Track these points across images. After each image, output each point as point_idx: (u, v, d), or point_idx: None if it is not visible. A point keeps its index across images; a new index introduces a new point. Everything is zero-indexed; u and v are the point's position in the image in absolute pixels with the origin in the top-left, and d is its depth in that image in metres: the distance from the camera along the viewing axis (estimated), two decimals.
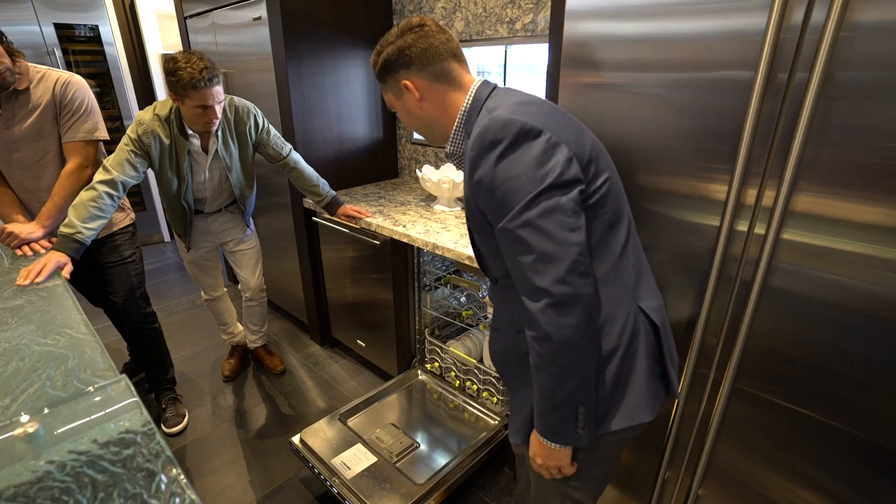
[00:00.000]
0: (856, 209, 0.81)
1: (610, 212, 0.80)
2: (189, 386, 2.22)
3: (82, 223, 1.40)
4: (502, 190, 0.74)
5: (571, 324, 0.72)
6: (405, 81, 0.86)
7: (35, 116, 1.55)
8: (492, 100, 0.83)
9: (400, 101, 0.91)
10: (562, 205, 0.71)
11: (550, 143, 0.73)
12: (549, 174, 0.71)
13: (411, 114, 0.91)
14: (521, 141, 0.73)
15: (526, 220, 0.72)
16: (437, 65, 0.85)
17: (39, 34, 3.29)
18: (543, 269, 0.72)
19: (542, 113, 0.77)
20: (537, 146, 0.73)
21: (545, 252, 0.71)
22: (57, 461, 0.61)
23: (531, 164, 0.72)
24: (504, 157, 0.73)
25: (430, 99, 0.87)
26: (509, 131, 0.73)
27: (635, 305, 0.84)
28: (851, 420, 0.90)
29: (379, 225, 1.81)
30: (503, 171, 0.73)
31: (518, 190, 0.72)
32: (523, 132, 0.73)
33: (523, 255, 0.73)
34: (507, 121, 0.73)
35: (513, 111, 0.75)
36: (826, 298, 0.87)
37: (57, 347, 0.94)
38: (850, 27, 0.75)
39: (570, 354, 0.74)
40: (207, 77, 1.45)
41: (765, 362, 0.98)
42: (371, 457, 1.52)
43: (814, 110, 0.80)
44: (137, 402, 0.73)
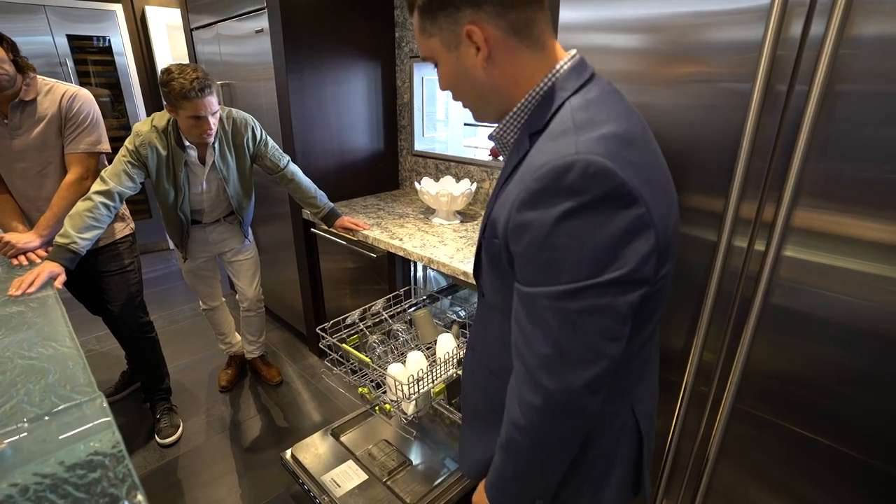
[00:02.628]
0: (859, 226, 0.78)
1: (651, 309, 0.65)
2: (185, 396, 2.20)
3: (77, 233, 1.40)
4: (552, 253, 0.55)
5: (562, 432, 0.61)
6: (471, 26, 0.59)
7: (41, 127, 1.57)
8: (581, 100, 0.59)
9: (452, 54, 0.63)
10: (615, 307, 0.55)
11: (640, 222, 0.54)
12: (620, 265, 0.53)
13: (466, 74, 0.64)
14: (608, 206, 0.52)
15: (563, 307, 0.55)
16: (525, 10, 0.59)
17: (52, 45, 3.36)
18: (557, 370, 0.57)
19: (646, 167, 0.57)
20: (623, 221, 0.53)
21: (568, 354, 0.56)
22: (20, 484, 0.59)
23: (605, 242, 0.53)
24: (576, 215, 0.53)
25: (502, 60, 0.61)
26: (599, 186, 0.52)
27: (628, 406, 0.73)
28: (854, 442, 0.87)
29: (376, 238, 1.80)
30: (566, 233, 0.53)
31: (571, 264, 0.54)
32: (616, 194, 0.52)
33: (541, 342, 0.57)
34: (602, 169, 0.52)
35: (612, 151, 0.53)
36: (828, 316, 0.84)
37: (40, 361, 0.93)
38: (850, 40, 0.72)
39: (547, 455, 0.63)
40: (199, 87, 1.45)
41: (766, 381, 0.95)
42: (362, 474, 1.49)
43: (814, 123, 0.77)
44: (110, 421, 0.71)
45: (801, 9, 0.76)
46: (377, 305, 1.63)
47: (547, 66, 0.62)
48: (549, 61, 0.63)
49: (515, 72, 0.62)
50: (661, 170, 0.61)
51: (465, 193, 1.89)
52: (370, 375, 1.42)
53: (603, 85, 0.63)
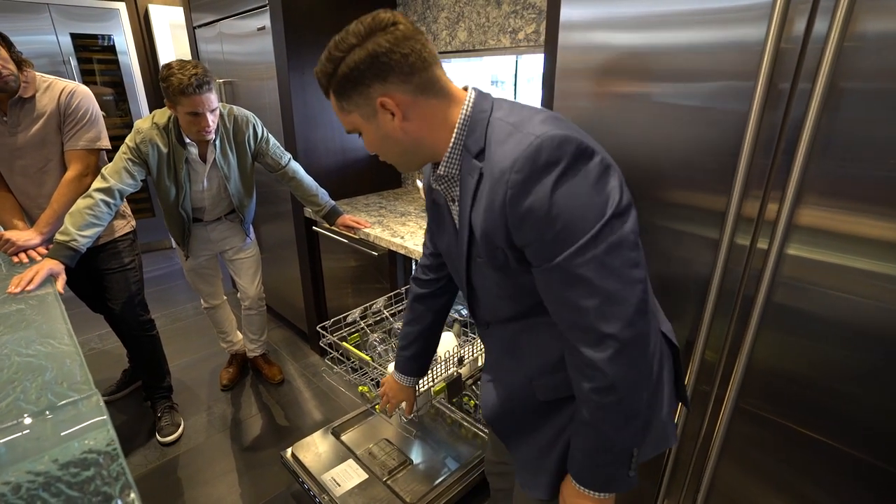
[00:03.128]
0: (862, 224, 0.77)
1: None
2: (186, 394, 2.20)
3: (78, 231, 1.40)
4: (562, 221, 0.62)
5: (639, 369, 0.66)
6: (382, 98, 0.67)
7: (40, 124, 1.57)
8: (500, 113, 0.70)
9: (372, 124, 0.71)
10: (625, 237, 0.63)
11: (604, 164, 0.64)
12: (609, 202, 0.63)
13: (387, 137, 0.72)
14: (580, 163, 0.62)
15: (592, 256, 0.62)
16: (424, 73, 0.67)
17: (56, 43, 3.37)
18: (611, 312, 0.63)
19: (579, 130, 0.67)
20: (594, 168, 0.63)
21: (612, 293, 0.63)
22: (13, 482, 0.58)
23: (591, 190, 0.62)
24: (563, 181, 0.62)
25: (416, 117, 0.70)
26: (566, 151, 0.61)
27: (657, 328, 0.77)
28: (857, 442, 0.86)
29: (377, 236, 1.79)
30: (563, 199, 0.62)
31: (580, 222, 0.62)
32: (580, 152, 0.62)
33: (586, 298, 0.63)
34: (563, 138, 0.62)
35: (559, 126, 0.64)
36: (832, 315, 0.83)
37: (37, 359, 0.93)
38: (854, 37, 0.71)
39: (634, 399, 0.68)
40: (197, 83, 1.44)
41: (768, 380, 0.94)
42: (362, 473, 1.49)
43: (817, 121, 0.76)
44: (105, 419, 0.71)
45: (805, 6, 0.74)
46: (378, 304, 1.62)
47: (457, 105, 0.71)
48: (456, 101, 0.72)
49: (431, 122, 0.71)
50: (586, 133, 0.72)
51: None
52: (371, 374, 1.42)
53: (506, 100, 0.73)
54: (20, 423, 0.70)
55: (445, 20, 2.09)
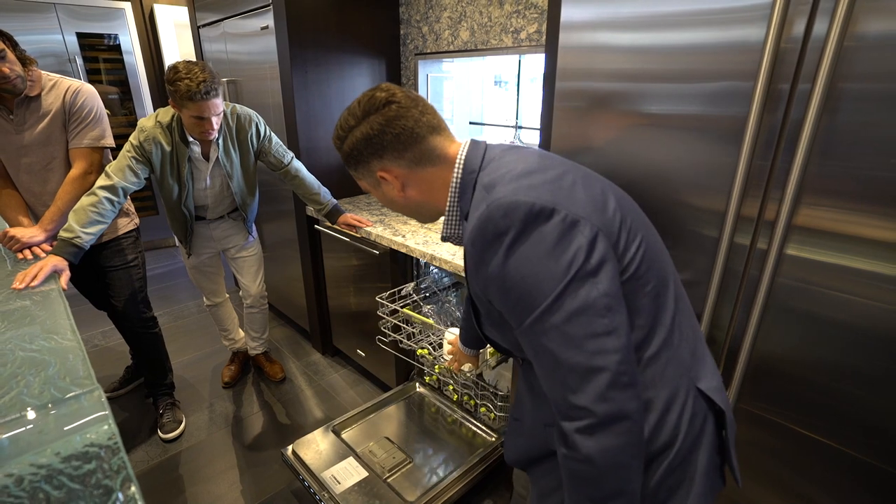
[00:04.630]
0: (863, 224, 0.77)
1: (653, 279, 0.66)
2: (188, 391, 2.22)
3: (81, 228, 1.41)
4: (518, 291, 0.61)
5: (618, 445, 0.59)
6: (381, 172, 0.74)
7: (45, 123, 1.58)
8: (486, 171, 0.70)
9: (378, 190, 0.78)
10: (592, 302, 0.58)
11: (566, 222, 0.60)
12: (572, 263, 0.58)
13: (394, 202, 0.79)
14: (531, 227, 0.60)
15: (550, 326, 0.59)
16: (416, 148, 0.72)
17: (62, 43, 3.39)
18: (578, 385, 0.58)
19: (550, 182, 0.63)
20: (550, 231, 0.59)
21: (576, 366, 0.58)
22: (15, 475, 0.59)
23: (548, 254, 0.59)
24: (513, 250, 0.60)
25: (414, 185, 0.75)
26: (515, 218, 0.60)
27: (693, 387, 0.69)
28: (858, 443, 0.86)
29: (378, 234, 1.80)
30: (515, 269, 0.60)
31: (537, 289, 0.59)
32: (531, 215, 0.60)
33: (552, 369, 0.60)
34: (510, 204, 0.60)
35: (514, 189, 0.62)
36: (832, 316, 0.83)
37: (41, 353, 0.94)
38: (854, 38, 0.71)
39: (616, 478, 0.61)
40: (204, 90, 1.46)
41: (768, 381, 0.94)
42: (362, 471, 1.49)
43: (817, 122, 0.76)
44: (107, 414, 0.71)
45: (804, 7, 0.75)
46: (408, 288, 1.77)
47: (452, 167, 0.74)
48: (453, 163, 0.74)
49: (430, 187, 0.75)
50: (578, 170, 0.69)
51: None
52: (431, 338, 1.56)
53: (499, 150, 0.74)
54: (23, 416, 0.70)
55: (448, 20, 2.10)
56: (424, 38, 2.23)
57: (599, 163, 1.07)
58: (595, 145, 1.07)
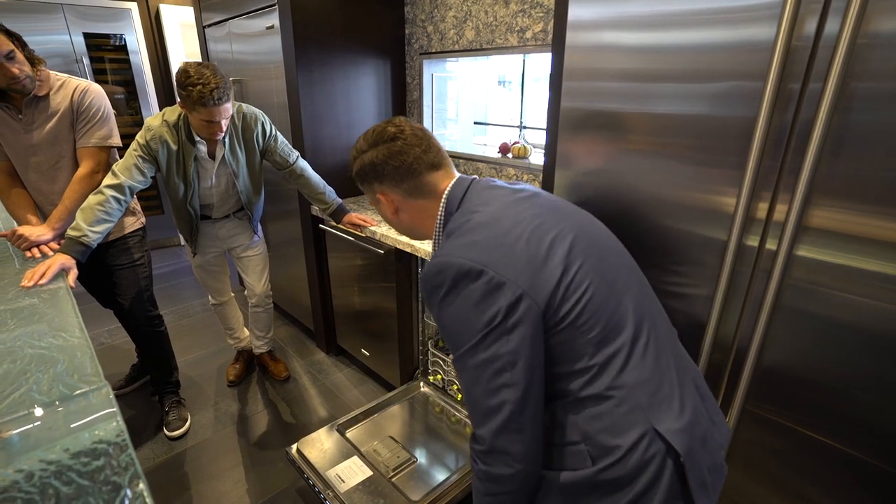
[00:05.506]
0: (874, 225, 0.76)
1: (598, 327, 0.70)
2: (194, 390, 2.22)
3: (89, 226, 1.41)
4: (448, 331, 0.74)
5: (497, 475, 0.71)
6: (379, 194, 0.86)
7: (53, 122, 1.59)
8: (456, 214, 0.81)
9: (379, 207, 0.90)
10: (499, 356, 0.68)
11: (491, 284, 0.68)
12: (489, 321, 0.68)
13: (388, 220, 0.91)
14: (460, 284, 0.70)
15: (466, 366, 0.71)
16: (411, 181, 0.83)
17: (69, 43, 3.41)
18: (476, 419, 0.72)
19: (492, 239, 0.72)
20: (476, 290, 0.69)
21: (477, 401, 0.71)
22: (25, 470, 0.59)
23: (471, 309, 0.69)
24: (445, 301, 0.72)
25: (406, 211, 0.87)
26: (447, 276, 0.71)
27: (650, 429, 0.68)
28: (867, 446, 0.85)
29: (383, 234, 1.80)
30: (446, 316, 0.73)
31: (460, 335, 0.71)
32: (460, 275, 0.70)
33: (466, 398, 0.73)
34: (443, 265, 0.71)
35: (454, 247, 0.73)
36: (842, 318, 0.82)
37: (49, 351, 0.94)
38: (866, 37, 0.70)
39: (495, 497, 0.74)
40: (217, 97, 1.47)
41: (776, 383, 0.93)
42: (367, 470, 1.49)
43: (828, 121, 0.75)
44: (115, 411, 0.72)
45: (816, 5, 0.74)
46: None
47: (440, 203, 0.84)
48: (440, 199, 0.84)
49: (421, 215, 0.86)
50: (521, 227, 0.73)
51: None
52: None
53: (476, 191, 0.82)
54: (32, 413, 0.71)
55: (453, 19, 2.10)
56: (429, 38, 2.23)
57: (604, 163, 1.07)
58: (600, 146, 1.07)
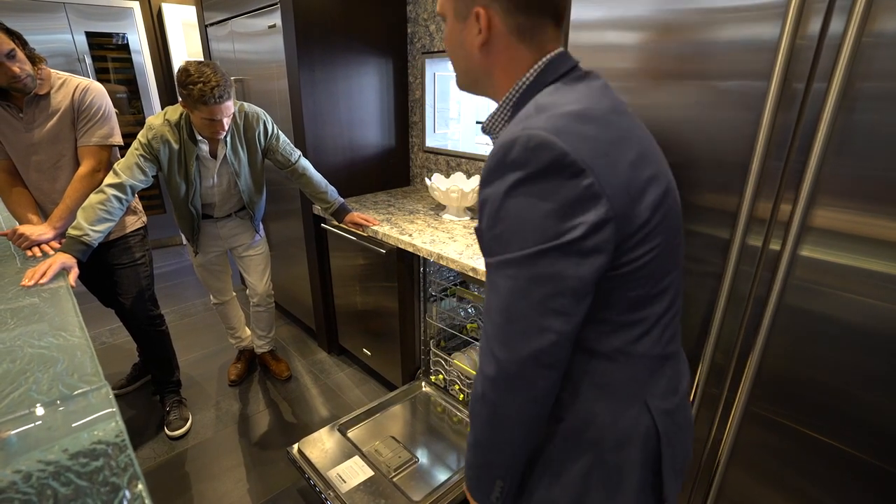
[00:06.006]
0: (879, 226, 0.75)
1: (641, 289, 0.62)
2: (195, 389, 2.23)
3: (90, 225, 1.41)
4: (503, 226, 0.57)
5: (514, 404, 0.61)
6: (480, 9, 0.62)
7: (54, 121, 1.59)
8: (550, 91, 0.61)
9: (458, 23, 0.67)
10: (564, 278, 0.55)
11: (589, 191, 0.53)
12: (566, 232, 0.54)
13: (461, 47, 0.67)
14: (550, 175, 0.54)
15: (512, 274, 0.57)
16: (532, 16, 0.62)
17: (72, 42, 3.42)
18: (505, 338, 0.58)
19: (600, 139, 0.56)
20: (567, 190, 0.53)
21: (516, 321, 0.57)
22: (24, 471, 0.59)
23: (550, 209, 0.54)
24: (519, 188, 0.55)
25: (497, 49, 0.64)
26: (540, 158, 0.53)
27: (640, 402, 0.66)
28: (871, 447, 0.84)
29: (385, 233, 1.80)
30: (512, 206, 0.56)
31: (519, 233, 0.56)
32: (557, 164, 0.53)
33: (494, 310, 0.59)
34: (542, 142, 0.53)
35: (558, 126, 0.54)
36: (845, 318, 0.82)
37: (49, 350, 0.94)
38: (871, 36, 0.70)
39: (502, 427, 0.63)
40: (218, 95, 1.48)
41: (779, 384, 0.93)
42: (368, 470, 1.49)
43: (833, 121, 0.75)
44: (114, 411, 0.71)
45: (820, 5, 0.73)
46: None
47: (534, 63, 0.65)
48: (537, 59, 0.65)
49: (505, 64, 0.65)
50: (632, 147, 0.59)
51: (475, 189, 1.88)
52: None
53: (579, 73, 0.64)
54: (32, 412, 0.71)
55: None
56: (432, 37, 2.23)
57: None
58: None
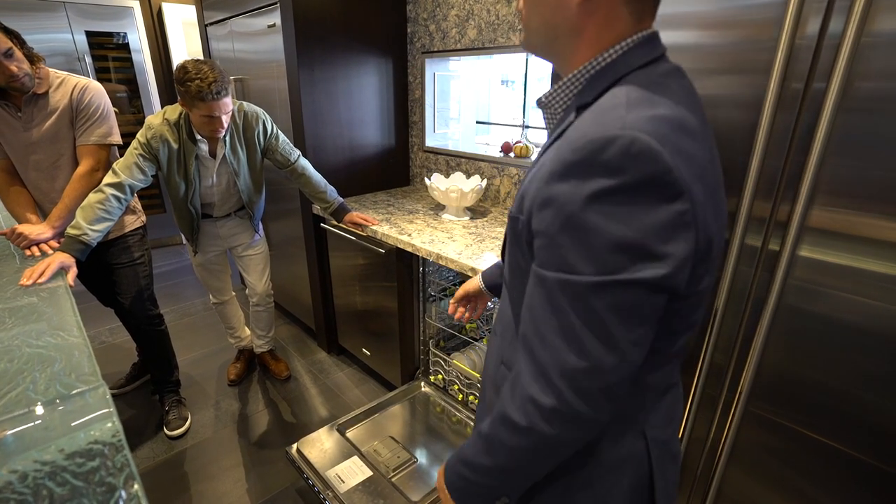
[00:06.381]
0: (878, 226, 0.75)
1: (685, 320, 0.57)
2: (194, 389, 2.22)
3: (88, 225, 1.41)
4: (577, 235, 0.48)
5: (564, 440, 0.53)
6: None
7: (53, 120, 1.59)
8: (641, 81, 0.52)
9: None
10: (643, 309, 0.49)
11: (682, 220, 0.47)
12: (652, 264, 0.47)
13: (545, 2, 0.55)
14: (648, 192, 0.46)
15: (589, 302, 0.48)
16: None
17: (72, 41, 3.42)
18: (572, 371, 0.50)
19: (697, 158, 0.49)
20: (663, 215, 0.46)
21: (589, 355, 0.49)
22: (20, 471, 0.59)
23: (639, 233, 0.47)
24: (610, 197, 0.46)
25: (596, 11, 0.53)
26: (641, 168, 0.45)
27: (638, 430, 0.64)
28: (870, 447, 0.84)
29: (384, 233, 1.79)
30: (594, 219, 0.47)
31: (598, 251, 0.47)
32: (658, 181, 0.45)
33: (557, 336, 0.51)
34: (647, 150, 0.45)
35: (662, 133, 0.46)
36: (844, 318, 0.82)
37: (47, 350, 0.94)
38: (871, 35, 0.69)
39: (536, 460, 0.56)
40: (216, 91, 1.47)
41: (779, 384, 0.93)
42: (367, 470, 1.49)
43: (832, 122, 0.74)
44: (111, 411, 0.71)
45: (820, 4, 0.73)
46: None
47: (621, 38, 0.54)
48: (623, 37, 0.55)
49: (601, 26, 0.54)
50: (716, 172, 0.53)
51: (474, 189, 1.87)
52: None
53: (670, 66, 0.56)
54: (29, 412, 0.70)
55: (455, 18, 2.09)
56: (431, 37, 2.22)
57: None
58: None
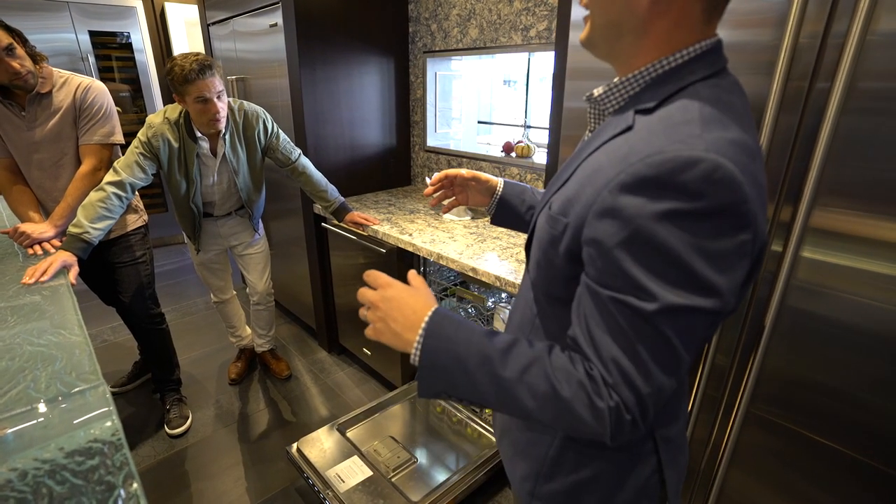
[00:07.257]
0: (882, 227, 0.75)
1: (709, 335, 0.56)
2: (195, 387, 2.23)
3: (90, 223, 1.42)
4: (639, 252, 0.47)
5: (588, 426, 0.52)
6: None
7: (56, 119, 1.59)
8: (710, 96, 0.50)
9: None
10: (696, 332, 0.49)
11: (743, 250, 0.47)
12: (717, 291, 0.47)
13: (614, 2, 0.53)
14: (722, 220, 0.46)
15: (656, 327, 0.48)
16: None
17: (75, 41, 3.43)
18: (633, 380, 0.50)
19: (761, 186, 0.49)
20: (727, 243, 0.46)
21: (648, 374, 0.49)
22: (19, 469, 0.59)
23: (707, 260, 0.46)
24: (682, 219, 0.45)
25: (667, 11, 0.51)
26: (719, 197, 0.45)
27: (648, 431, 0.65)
28: (872, 449, 0.84)
29: (385, 233, 1.79)
30: (665, 235, 0.46)
31: (658, 273, 0.47)
32: (734, 211, 0.46)
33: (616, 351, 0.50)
34: (729, 179, 0.44)
35: (740, 161, 0.46)
36: (847, 320, 0.81)
37: (48, 348, 0.94)
38: (876, 34, 0.69)
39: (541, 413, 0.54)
40: (198, 68, 1.47)
41: (781, 386, 0.92)
42: (367, 470, 1.48)
43: (836, 122, 0.74)
44: (111, 410, 0.71)
45: (824, 3, 0.73)
46: None
47: (691, 42, 0.53)
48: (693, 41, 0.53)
49: (672, 27, 0.52)
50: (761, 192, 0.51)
51: None
52: None
53: (733, 79, 0.55)
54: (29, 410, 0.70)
55: (457, 17, 2.09)
56: (433, 36, 2.22)
57: None
58: None
